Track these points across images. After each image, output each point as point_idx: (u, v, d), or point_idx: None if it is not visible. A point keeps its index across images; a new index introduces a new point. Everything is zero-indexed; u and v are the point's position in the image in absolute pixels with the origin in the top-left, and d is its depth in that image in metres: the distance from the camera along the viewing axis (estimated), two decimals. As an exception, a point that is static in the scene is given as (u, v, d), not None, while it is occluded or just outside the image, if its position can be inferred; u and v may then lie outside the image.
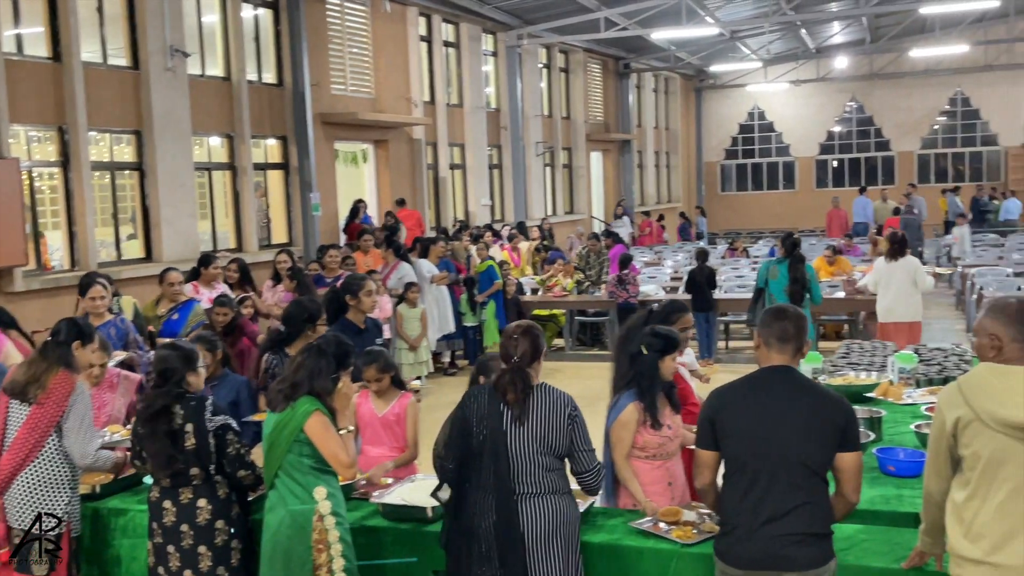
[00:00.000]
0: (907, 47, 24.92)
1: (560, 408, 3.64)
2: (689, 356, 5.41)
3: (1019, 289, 12.01)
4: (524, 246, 15.88)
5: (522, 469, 3.59)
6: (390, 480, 4.56)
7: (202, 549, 3.91)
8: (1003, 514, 2.94)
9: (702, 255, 12.22)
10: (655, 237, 22.46)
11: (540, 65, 21.04)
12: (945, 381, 6.08)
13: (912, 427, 4.94)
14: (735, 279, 14.26)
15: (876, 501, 4.11)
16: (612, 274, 14.69)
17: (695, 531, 3.75)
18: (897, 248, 9.40)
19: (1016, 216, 22.49)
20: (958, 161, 27.99)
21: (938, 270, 14.30)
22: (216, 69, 12.64)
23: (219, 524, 3.95)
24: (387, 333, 9.60)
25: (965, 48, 23.97)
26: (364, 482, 4.50)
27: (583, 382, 10.70)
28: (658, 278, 14.62)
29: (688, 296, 11.54)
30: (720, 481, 3.47)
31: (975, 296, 11.89)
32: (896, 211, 19.51)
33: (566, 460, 3.74)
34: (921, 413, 5.34)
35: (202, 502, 3.93)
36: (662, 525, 3.83)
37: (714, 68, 27.05)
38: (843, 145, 28.99)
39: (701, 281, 11.67)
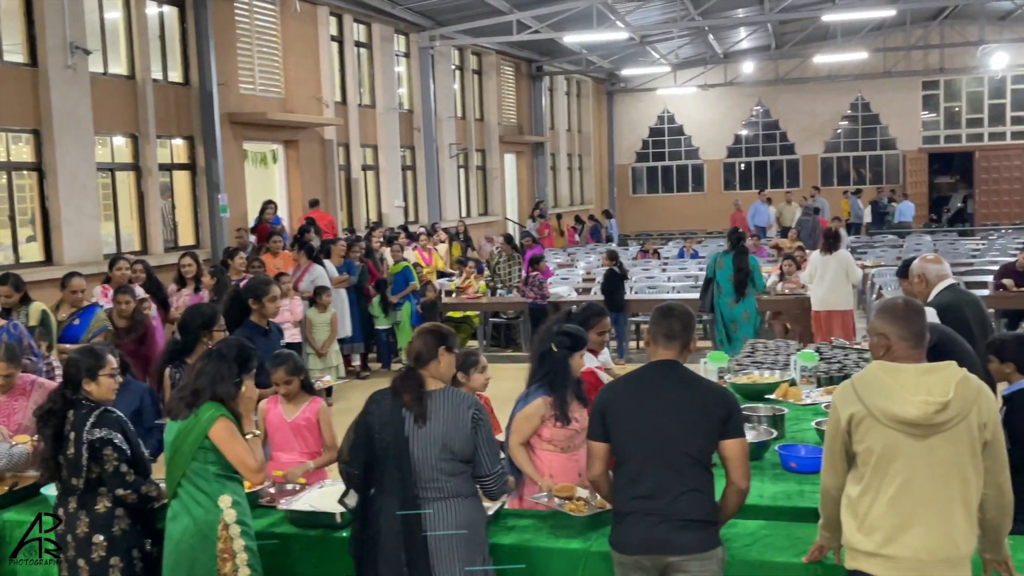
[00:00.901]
0: (810, 53, 25.64)
1: (463, 411, 3.64)
2: (605, 356, 5.51)
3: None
4: (442, 248, 15.85)
5: (425, 473, 3.59)
6: (304, 481, 4.53)
7: (81, 562, 3.83)
8: (894, 507, 3.05)
9: (613, 256, 12.40)
10: (565, 239, 22.70)
11: (453, 67, 21.03)
12: (846, 379, 6.26)
13: (813, 424, 5.10)
14: (645, 280, 14.48)
15: (778, 497, 4.22)
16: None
17: (587, 506, 3.91)
18: (831, 243, 10.34)
19: (910, 218, 23.32)
20: (859, 164, 28.90)
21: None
22: (119, 67, 12.31)
23: (96, 539, 3.83)
24: (298, 336, 9.48)
25: (865, 55, 24.78)
26: (273, 488, 4.44)
27: (497, 383, 10.68)
28: (571, 279, 14.74)
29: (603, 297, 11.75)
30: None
31: (875, 296, 12.28)
32: (813, 212, 20.02)
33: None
34: (822, 411, 5.49)
35: (82, 514, 3.85)
36: (556, 500, 3.99)
37: (625, 72, 27.42)
38: (750, 148, 29.67)
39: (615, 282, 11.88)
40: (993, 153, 27.70)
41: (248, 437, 3.88)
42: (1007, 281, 11.43)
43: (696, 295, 12.40)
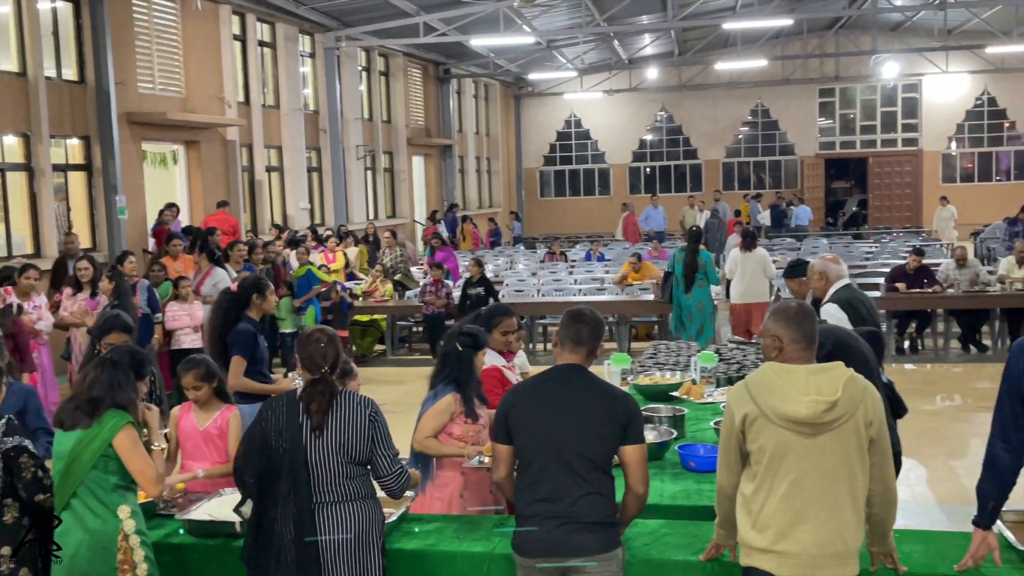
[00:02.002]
0: (712, 60, 26.22)
1: (361, 412, 3.63)
2: (521, 358, 5.54)
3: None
4: (352, 251, 15.67)
5: (323, 478, 3.57)
6: (183, 487, 4.44)
7: None
8: (786, 504, 3.14)
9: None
10: (469, 242, 22.75)
11: (359, 68, 20.87)
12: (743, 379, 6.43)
13: (712, 424, 5.22)
14: (552, 283, 14.60)
15: (678, 496, 4.31)
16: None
17: None
18: (749, 241, 11.37)
19: (806, 222, 24.02)
20: (760, 169, 29.66)
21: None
22: (9, 64, 11.87)
23: (3, 551, 3.70)
24: (199, 342, 9.27)
25: (764, 63, 25.45)
26: (172, 498, 4.35)
27: (405, 387, 10.72)
28: (478, 282, 14.73)
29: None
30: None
31: (773, 297, 12.61)
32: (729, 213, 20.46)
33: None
34: (721, 410, 5.63)
35: None
36: (486, 459, 4.08)
37: (532, 76, 27.61)
38: (655, 153, 30.17)
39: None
40: (885, 159, 28.76)
41: (155, 448, 3.79)
42: (899, 284, 11.89)
43: (603, 297, 12.89)
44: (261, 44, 17.11)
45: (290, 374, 6.56)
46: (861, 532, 3.19)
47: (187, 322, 9.34)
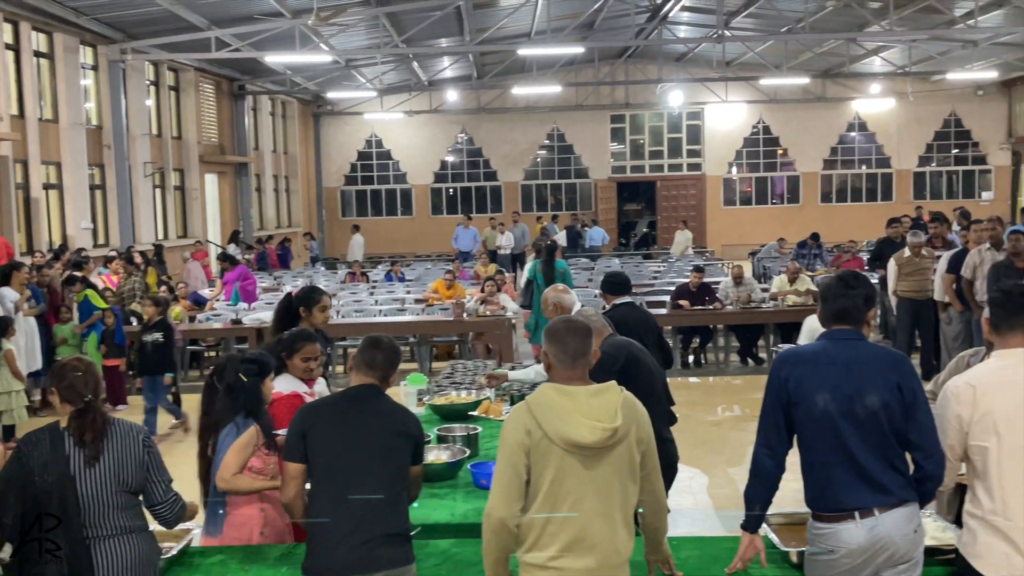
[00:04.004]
0: (509, 85, 26.81)
1: (133, 440, 3.52)
2: (321, 385, 5.39)
3: (603, 308, 13.30)
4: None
5: (96, 511, 3.42)
6: None
7: None
8: (567, 524, 3.17)
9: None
10: (271, 263, 22.23)
11: (148, 82, 19.98)
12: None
13: (505, 441, 5.29)
14: (353, 304, 14.46)
15: (469, 514, 4.33)
16: (226, 300, 14.31)
17: None
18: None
19: (599, 243, 24.92)
20: (556, 191, 30.53)
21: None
22: None
23: None
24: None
25: (559, 88, 26.25)
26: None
27: (194, 415, 10.26)
28: (275, 304, 14.38)
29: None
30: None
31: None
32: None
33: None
34: (513, 427, 5.73)
35: None
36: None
37: (331, 95, 27.31)
38: (456, 174, 30.48)
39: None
40: (672, 182, 30.26)
41: None
42: (683, 302, 12.52)
43: (404, 317, 12.89)
44: (37, 54, 16.08)
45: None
46: (632, 543, 3.29)
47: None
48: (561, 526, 3.17)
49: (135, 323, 11.60)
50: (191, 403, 11.02)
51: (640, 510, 3.37)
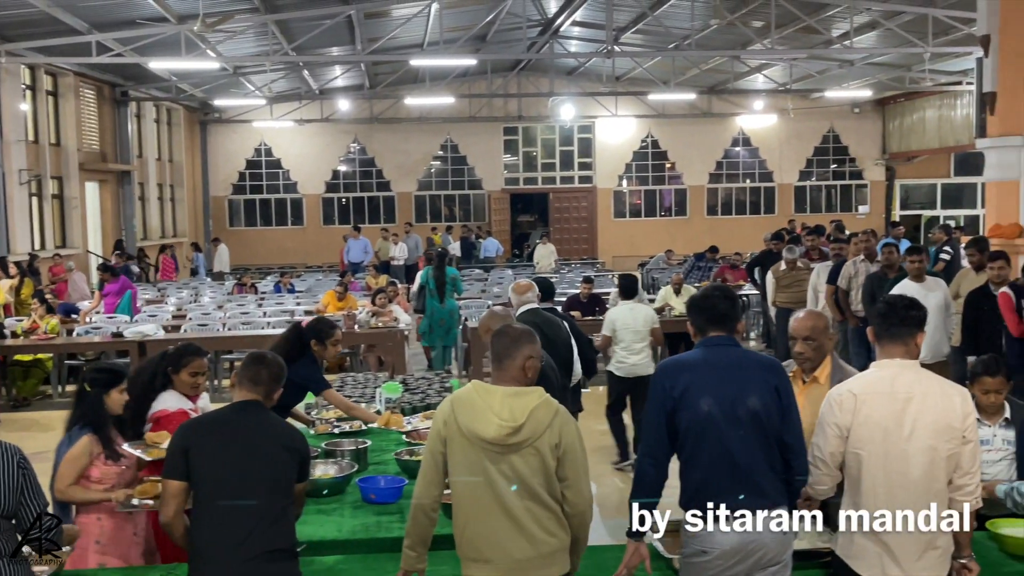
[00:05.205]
0: (402, 95, 26.72)
1: (8, 460, 3.37)
2: (204, 400, 5.26)
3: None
4: (5, 284, 14.28)
5: None
6: None
7: None
8: (487, 518, 3.30)
9: None
10: (163, 273, 21.63)
11: (23, 86, 19.19)
12: (428, 408, 6.57)
13: (394, 455, 5.26)
14: (240, 316, 14.15)
15: (357, 530, 4.30)
16: (106, 313, 13.83)
17: None
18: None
19: (494, 254, 25.05)
20: (450, 202, 30.53)
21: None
22: None
23: None
24: None
25: (452, 100, 26.29)
26: None
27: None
28: (159, 317, 14.02)
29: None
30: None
31: (460, 327, 12.98)
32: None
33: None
34: (404, 442, 5.70)
35: None
36: (148, 501, 3.98)
37: (219, 102, 26.71)
38: (348, 184, 30.18)
39: None
40: (564, 195, 30.62)
41: None
42: (575, 312, 12.64)
43: None
44: (-98, 54, 15.30)
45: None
46: (555, 539, 3.36)
47: None
48: (483, 519, 3.31)
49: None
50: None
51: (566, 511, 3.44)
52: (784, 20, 18.94)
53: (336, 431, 5.94)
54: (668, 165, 30.65)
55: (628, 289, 8.25)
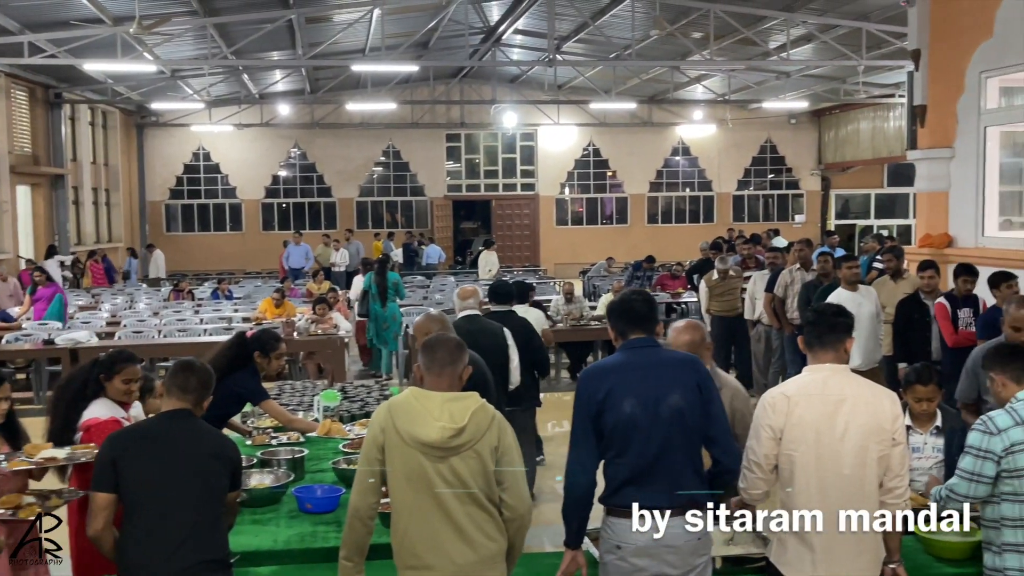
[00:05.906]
0: (344, 100, 26.54)
1: None
2: (136, 409, 5.15)
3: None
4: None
5: None
6: None
7: None
8: (426, 523, 3.32)
9: None
10: (94, 279, 21.17)
11: (-49, 86, 18.70)
12: (367, 416, 6.52)
13: (332, 464, 5.21)
14: (176, 323, 13.92)
15: (292, 540, 4.24)
16: (36, 319, 13.51)
17: (39, 506, 3.75)
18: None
19: (436, 261, 25.00)
20: (392, 209, 30.39)
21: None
22: None
23: None
24: None
25: (394, 106, 26.20)
26: None
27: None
28: (93, 323, 13.73)
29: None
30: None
31: (401, 335, 12.93)
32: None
33: None
34: (340, 450, 5.65)
35: None
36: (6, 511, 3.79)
37: (156, 106, 26.28)
38: (288, 190, 29.88)
39: None
40: (507, 202, 30.68)
41: None
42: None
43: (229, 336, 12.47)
44: None
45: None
46: (494, 544, 3.39)
47: None
48: (422, 524, 3.32)
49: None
50: None
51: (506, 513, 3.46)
52: (723, 32, 19.22)
53: (274, 442, 5.84)
54: (609, 173, 30.88)
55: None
